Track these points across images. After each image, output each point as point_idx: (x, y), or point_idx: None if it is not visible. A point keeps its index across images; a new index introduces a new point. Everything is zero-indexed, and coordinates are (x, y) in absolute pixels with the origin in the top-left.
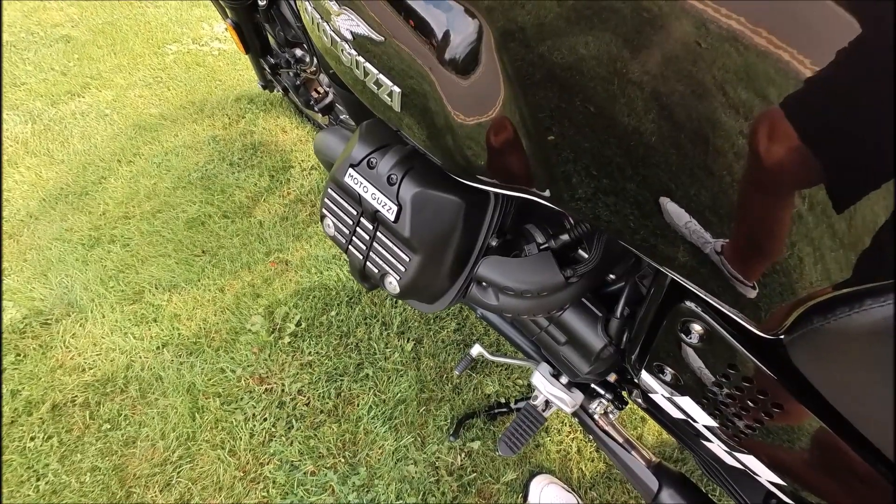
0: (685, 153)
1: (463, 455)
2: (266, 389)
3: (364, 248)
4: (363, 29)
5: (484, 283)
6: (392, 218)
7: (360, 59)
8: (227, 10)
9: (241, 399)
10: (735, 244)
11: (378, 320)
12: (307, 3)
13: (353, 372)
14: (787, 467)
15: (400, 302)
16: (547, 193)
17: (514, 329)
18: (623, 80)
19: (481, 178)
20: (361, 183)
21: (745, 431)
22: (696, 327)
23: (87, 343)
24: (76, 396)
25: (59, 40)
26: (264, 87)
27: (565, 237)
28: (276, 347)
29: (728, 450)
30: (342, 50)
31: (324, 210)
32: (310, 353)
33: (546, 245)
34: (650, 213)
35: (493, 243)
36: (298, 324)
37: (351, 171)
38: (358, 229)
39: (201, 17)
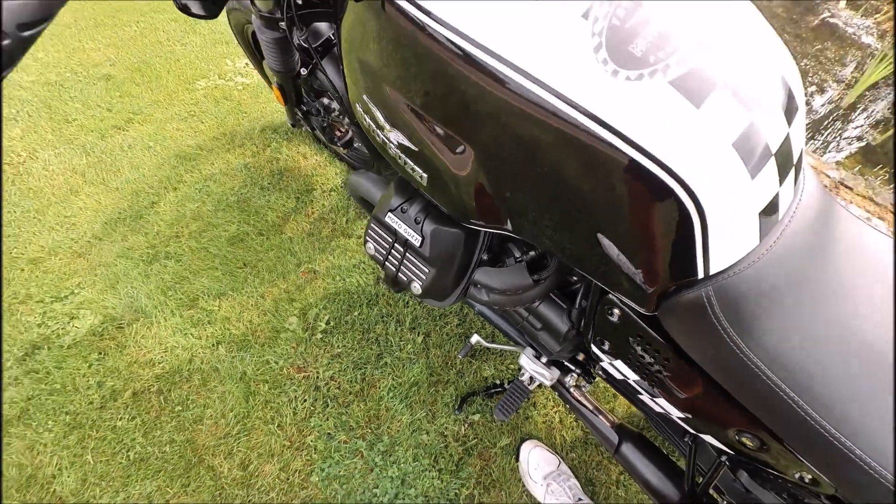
0: (567, 212)
1: (466, 426)
2: (304, 377)
3: (397, 263)
4: (405, 141)
5: (478, 285)
6: (418, 245)
7: (402, 154)
8: (274, 78)
9: (285, 384)
10: (645, 268)
11: (393, 318)
12: (366, 116)
13: (375, 361)
14: (683, 403)
15: (412, 303)
16: (510, 228)
17: (504, 321)
18: (537, 171)
19: (472, 221)
20: (397, 222)
21: (654, 380)
22: (616, 311)
23: (155, 342)
24: (151, 385)
25: (101, 79)
26: (293, 126)
27: (533, 252)
28: (310, 343)
29: (651, 397)
30: (389, 148)
31: (367, 238)
32: (338, 346)
33: (521, 258)
34: (571, 244)
35: (484, 257)
36: (328, 323)
37: (390, 214)
38: (392, 251)
39: (224, 54)
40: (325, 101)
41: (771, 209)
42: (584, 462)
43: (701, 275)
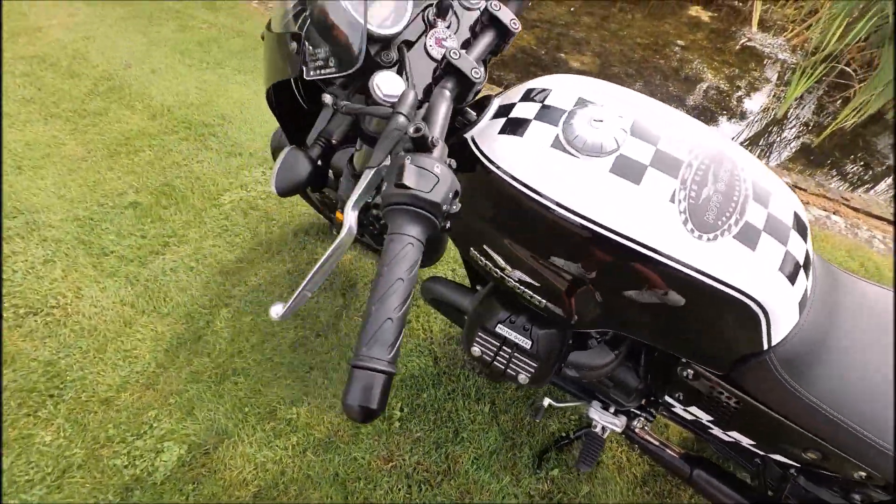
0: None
1: (548, 482)
2: (392, 466)
3: (504, 362)
4: (525, 278)
5: (570, 366)
6: (528, 347)
7: (521, 286)
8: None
9: (377, 477)
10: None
11: (459, 393)
12: (482, 258)
13: (452, 437)
14: (756, 434)
15: (471, 374)
16: (619, 329)
17: (563, 380)
18: (650, 300)
19: (582, 327)
20: (507, 331)
21: (728, 419)
22: (689, 371)
23: (244, 461)
24: None
25: (128, 207)
26: (337, 232)
27: (611, 332)
28: (390, 432)
29: (722, 431)
30: (508, 282)
31: (474, 343)
32: (417, 430)
33: (601, 339)
34: (675, 340)
35: (571, 342)
36: (402, 410)
37: (500, 325)
38: (500, 353)
39: (240, 166)
40: (375, 211)
41: (804, 297)
42: (658, 493)
43: (766, 347)
